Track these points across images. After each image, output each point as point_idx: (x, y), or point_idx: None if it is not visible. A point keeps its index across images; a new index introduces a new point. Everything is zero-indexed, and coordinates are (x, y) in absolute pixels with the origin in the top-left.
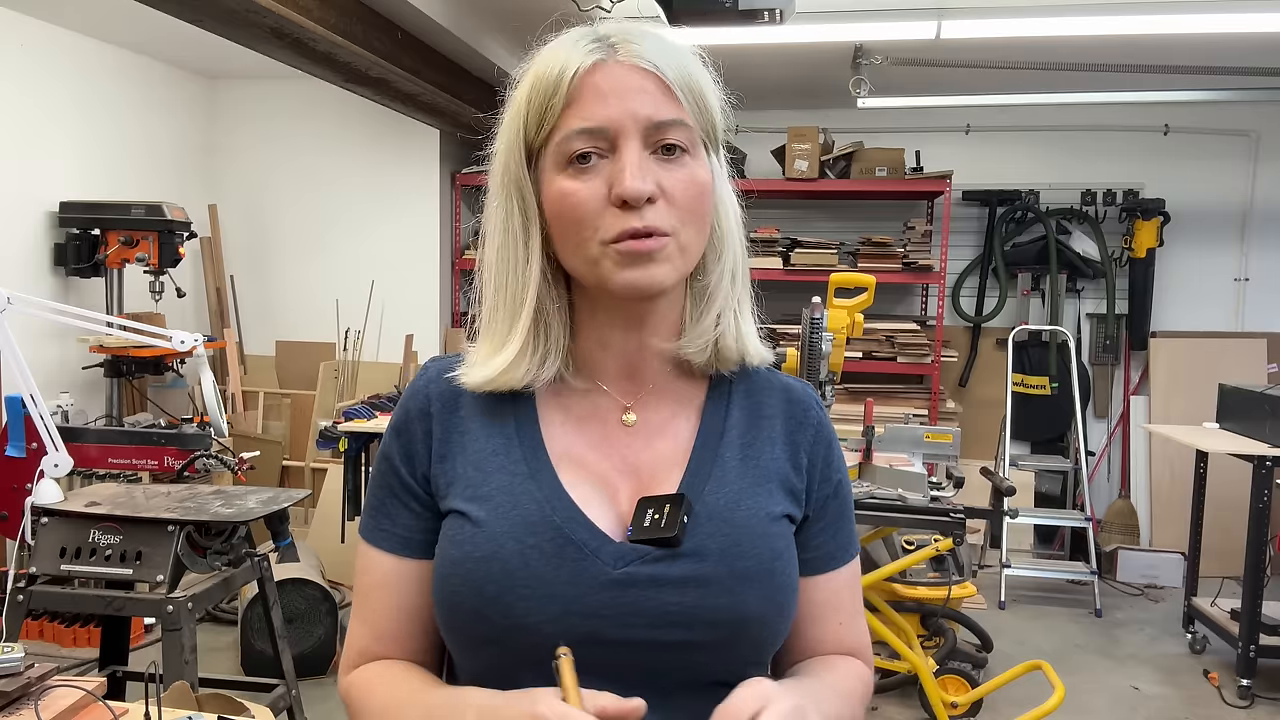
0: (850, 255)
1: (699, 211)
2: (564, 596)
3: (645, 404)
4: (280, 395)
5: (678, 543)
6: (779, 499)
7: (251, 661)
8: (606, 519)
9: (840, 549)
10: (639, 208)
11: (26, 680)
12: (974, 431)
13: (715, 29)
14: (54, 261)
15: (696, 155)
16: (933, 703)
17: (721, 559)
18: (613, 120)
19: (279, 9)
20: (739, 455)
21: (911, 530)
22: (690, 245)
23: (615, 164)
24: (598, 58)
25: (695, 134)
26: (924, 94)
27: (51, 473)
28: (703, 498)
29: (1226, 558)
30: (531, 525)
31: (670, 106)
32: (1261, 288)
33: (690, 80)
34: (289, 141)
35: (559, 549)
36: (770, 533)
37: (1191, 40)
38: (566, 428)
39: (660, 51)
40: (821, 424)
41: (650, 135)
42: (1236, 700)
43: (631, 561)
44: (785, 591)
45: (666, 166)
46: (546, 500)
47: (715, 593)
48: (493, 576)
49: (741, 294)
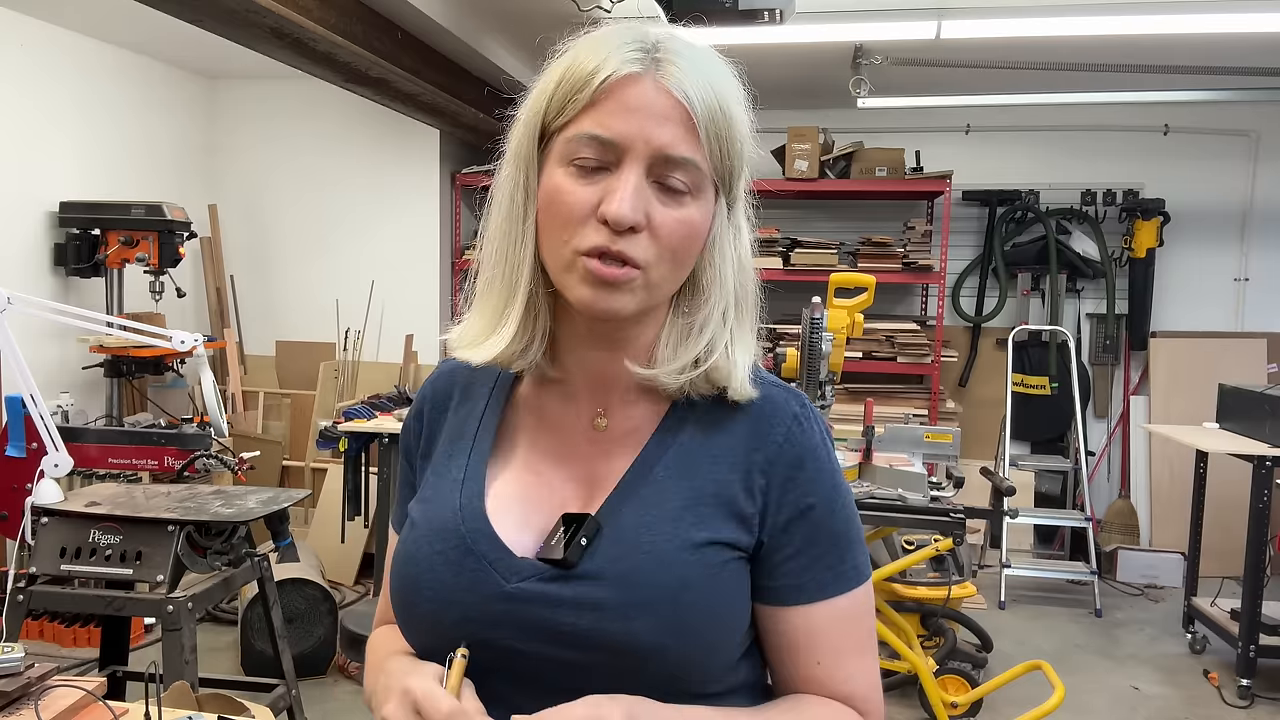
0: (850, 255)
1: (681, 253)
2: (461, 604)
3: (617, 410)
4: (280, 395)
5: (569, 565)
6: (713, 524)
7: (251, 661)
8: (523, 533)
9: (818, 583)
10: (620, 233)
11: (26, 680)
12: (974, 431)
13: (715, 29)
14: (54, 261)
15: (701, 199)
16: (933, 703)
17: (616, 584)
18: (626, 138)
19: (279, 9)
20: (674, 475)
21: (911, 530)
22: (660, 283)
23: (613, 181)
24: (635, 70)
25: (706, 177)
26: (924, 94)
27: (51, 473)
28: (620, 519)
29: (1226, 558)
30: (444, 532)
31: (688, 144)
32: (1261, 288)
33: (719, 120)
34: (289, 141)
35: (460, 557)
36: (681, 560)
37: (1191, 40)
38: (535, 433)
39: (700, 82)
40: (790, 441)
41: (656, 165)
42: (1236, 700)
43: (527, 578)
44: (695, 623)
45: (663, 200)
46: (461, 509)
47: (609, 618)
48: (410, 577)
49: (736, 340)
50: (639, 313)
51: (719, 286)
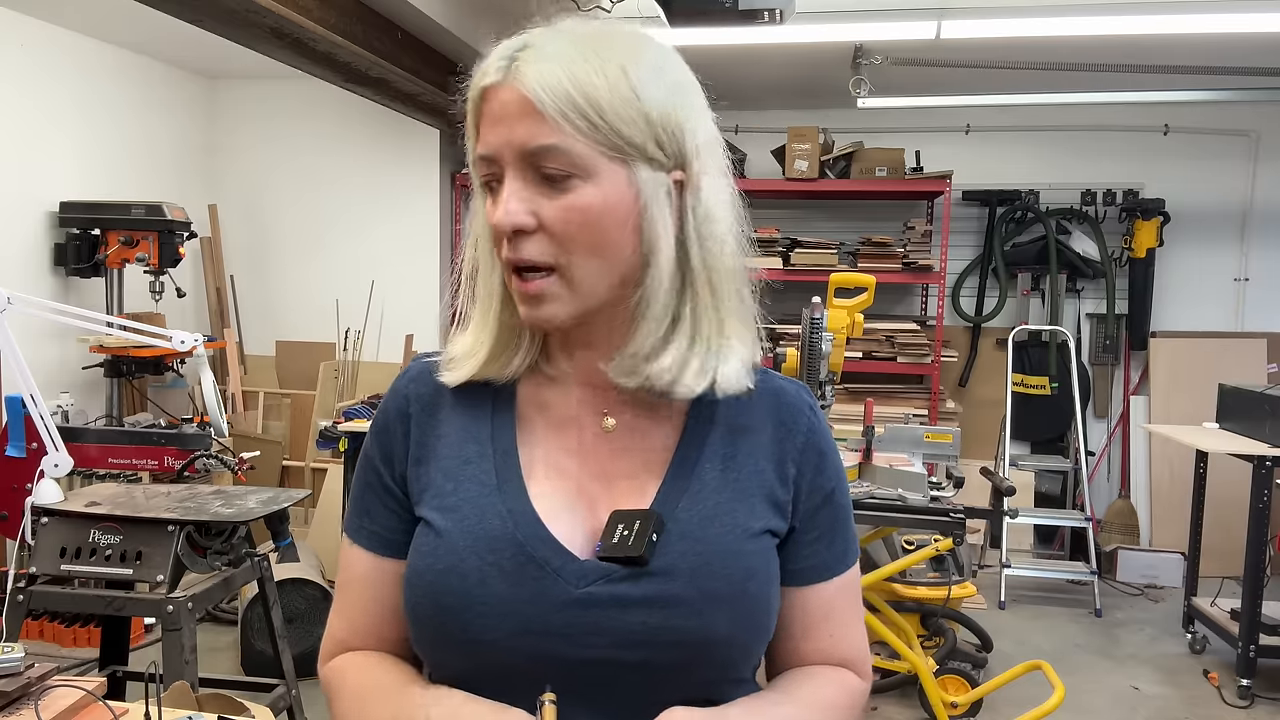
0: (850, 255)
1: (585, 240)
2: (521, 615)
3: (623, 409)
4: (280, 395)
5: (644, 562)
6: (760, 514)
7: (251, 661)
8: (575, 533)
9: (834, 559)
10: (512, 240)
11: (26, 680)
12: (974, 431)
13: (715, 29)
14: (54, 261)
15: (590, 178)
16: (933, 703)
17: (691, 579)
18: (495, 148)
19: (279, 9)
20: (719, 468)
21: (911, 530)
22: (582, 278)
23: (501, 192)
24: (494, 80)
25: (594, 154)
26: (924, 94)
27: (51, 473)
28: (676, 514)
29: (1226, 558)
30: (493, 541)
31: (545, 131)
32: (1261, 288)
33: (572, 97)
34: (289, 141)
35: (519, 566)
36: (745, 550)
37: (1191, 40)
38: (547, 432)
39: (546, 67)
40: (813, 430)
41: (527, 162)
42: (1236, 700)
43: (595, 580)
44: (758, 611)
45: (549, 194)
46: (511, 515)
47: (682, 614)
48: (451, 589)
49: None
50: (580, 314)
51: (656, 257)
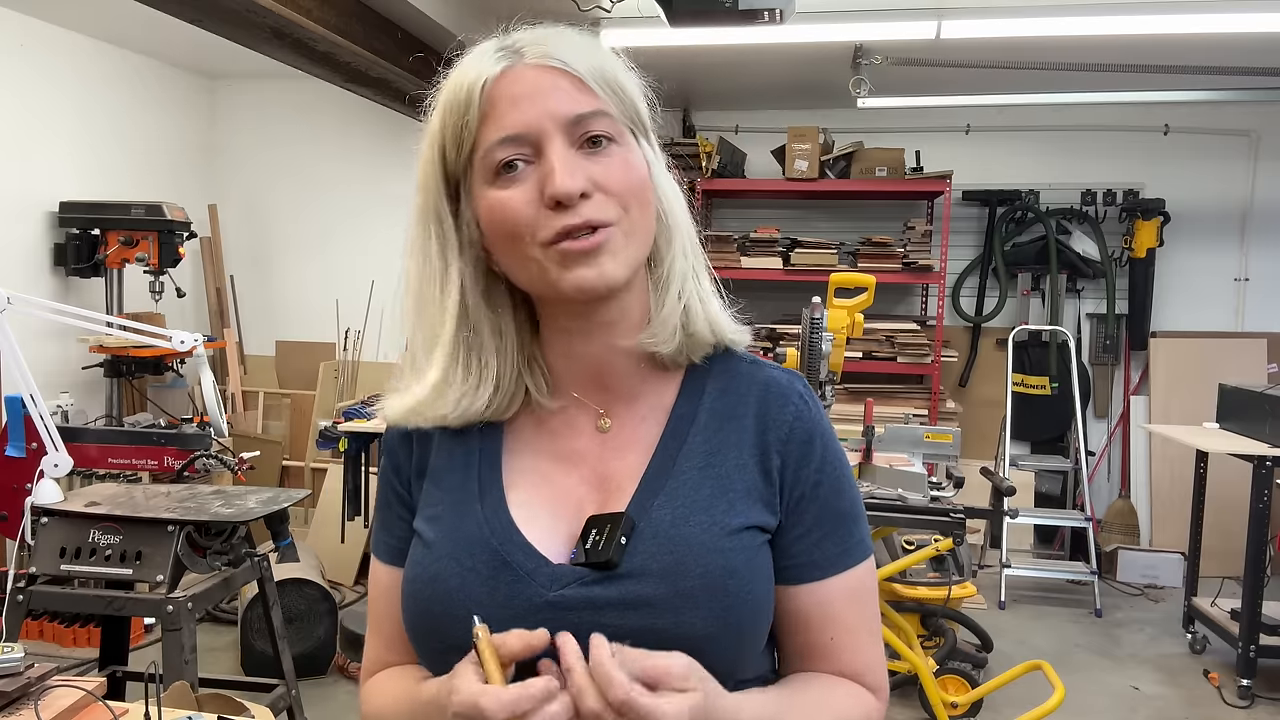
0: (850, 255)
1: (640, 196)
2: (498, 619)
3: (620, 410)
4: (280, 395)
5: (613, 565)
6: (741, 510)
7: (251, 661)
8: (553, 539)
9: (828, 557)
10: (574, 205)
11: (26, 680)
12: (974, 431)
13: (715, 29)
14: (54, 261)
15: (625, 144)
16: (933, 703)
17: (662, 579)
18: (531, 124)
19: (279, 9)
20: (700, 464)
21: (911, 530)
22: (638, 230)
23: (543, 166)
24: (505, 65)
25: (620, 123)
26: (924, 94)
27: (51, 473)
28: (650, 514)
29: (1226, 558)
30: (471, 547)
31: (587, 99)
32: (1261, 288)
33: (604, 71)
34: (289, 141)
35: (494, 571)
36: (723, 548)
37: (1191, 40)
38: (539, 441)
39: (568, 47)
40: (800, 419)
41: (573, 131)
42: (1236, 700)
43: (568, 584)
44: (741, 610)
45: (596, 159)
46: (487, 521)
47: (657, 614)
48: (437, 597)
49: (700, 275)
50: (629, 276)
51: (675, 228)
